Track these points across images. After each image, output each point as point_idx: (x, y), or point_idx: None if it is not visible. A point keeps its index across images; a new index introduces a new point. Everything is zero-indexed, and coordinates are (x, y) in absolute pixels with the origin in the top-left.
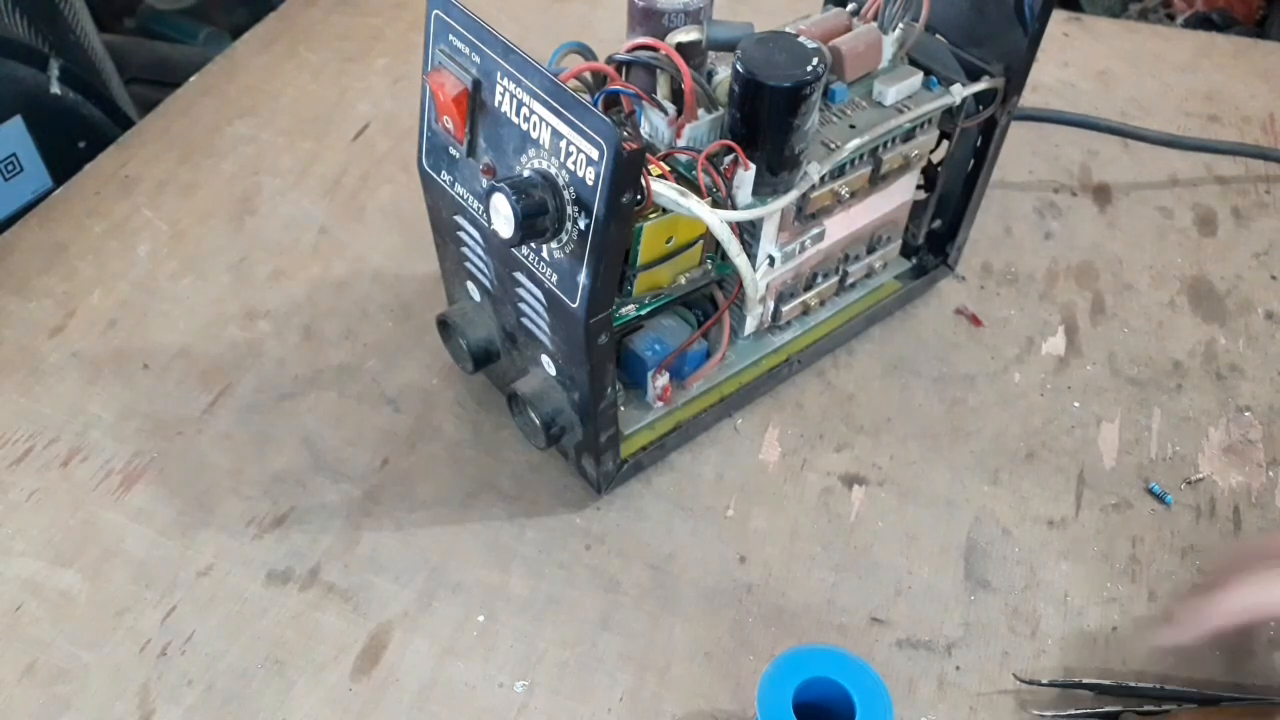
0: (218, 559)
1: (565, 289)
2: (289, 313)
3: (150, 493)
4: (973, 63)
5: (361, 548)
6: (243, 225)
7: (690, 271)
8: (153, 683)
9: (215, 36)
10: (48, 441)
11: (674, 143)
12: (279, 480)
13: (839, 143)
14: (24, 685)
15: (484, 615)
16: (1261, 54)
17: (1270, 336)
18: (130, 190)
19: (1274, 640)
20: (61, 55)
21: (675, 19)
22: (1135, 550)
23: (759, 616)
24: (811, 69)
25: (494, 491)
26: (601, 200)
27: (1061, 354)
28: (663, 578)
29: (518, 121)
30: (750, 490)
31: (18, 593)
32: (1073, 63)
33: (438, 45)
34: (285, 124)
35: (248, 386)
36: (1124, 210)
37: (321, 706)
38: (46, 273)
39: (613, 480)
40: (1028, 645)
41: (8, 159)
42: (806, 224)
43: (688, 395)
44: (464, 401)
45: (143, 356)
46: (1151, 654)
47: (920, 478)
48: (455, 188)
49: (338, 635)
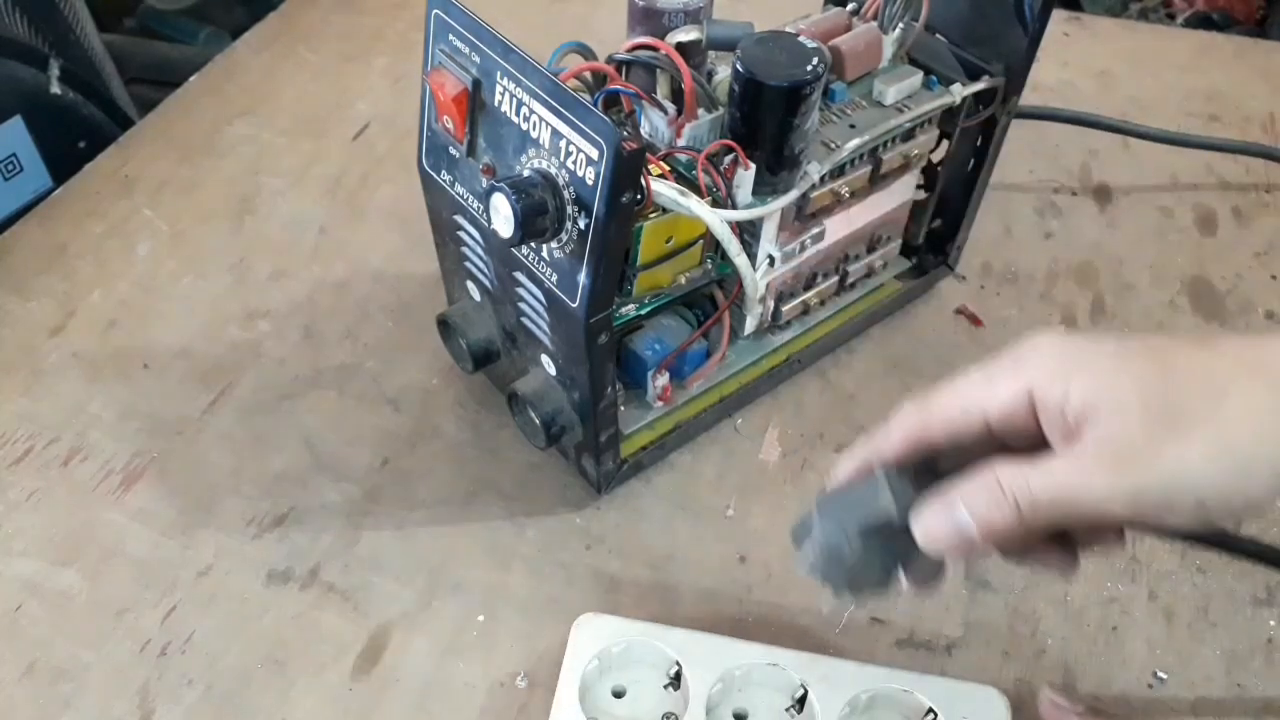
0: (218, 559)
1: (565, 289)
2: (289, 313)
3: (150, 493)
4: (973, 62)
5: (361, 548)
6: (243, 225)
7: (690, 271)
8: (153, 683)
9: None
10: (48, 441)
11: (674, 142)
12: (279, 480)
13: (839, 142)
14: (24, 685)
15: (484, 615)
16: (1262, 54)
17: None
18: (130, 190)
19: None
20: (61, 55)
21: (675, 19)
22: (1135, 550)
23: (759, 616)
24: (811, 69)
25: (494, 491)
26: (601, 200)
27: None
28: (663, 578)
29: (517, 121)
30: (750, 490)
31: (18, 593)
32: (1073, 63)
33: (438, 45)
34: (285, 124)
35: (248, 386)
36: (1124, 210)
37: (321, 706)
38: (46, 273)
39: (613, 480)
40: (1028, 645)
41: (8, 159)
42: (806, 224)
43: (688, 395)
44: (464, 401)
45: (143, 356)
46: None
47: None
48: (455, 187)
49: (338, 635)
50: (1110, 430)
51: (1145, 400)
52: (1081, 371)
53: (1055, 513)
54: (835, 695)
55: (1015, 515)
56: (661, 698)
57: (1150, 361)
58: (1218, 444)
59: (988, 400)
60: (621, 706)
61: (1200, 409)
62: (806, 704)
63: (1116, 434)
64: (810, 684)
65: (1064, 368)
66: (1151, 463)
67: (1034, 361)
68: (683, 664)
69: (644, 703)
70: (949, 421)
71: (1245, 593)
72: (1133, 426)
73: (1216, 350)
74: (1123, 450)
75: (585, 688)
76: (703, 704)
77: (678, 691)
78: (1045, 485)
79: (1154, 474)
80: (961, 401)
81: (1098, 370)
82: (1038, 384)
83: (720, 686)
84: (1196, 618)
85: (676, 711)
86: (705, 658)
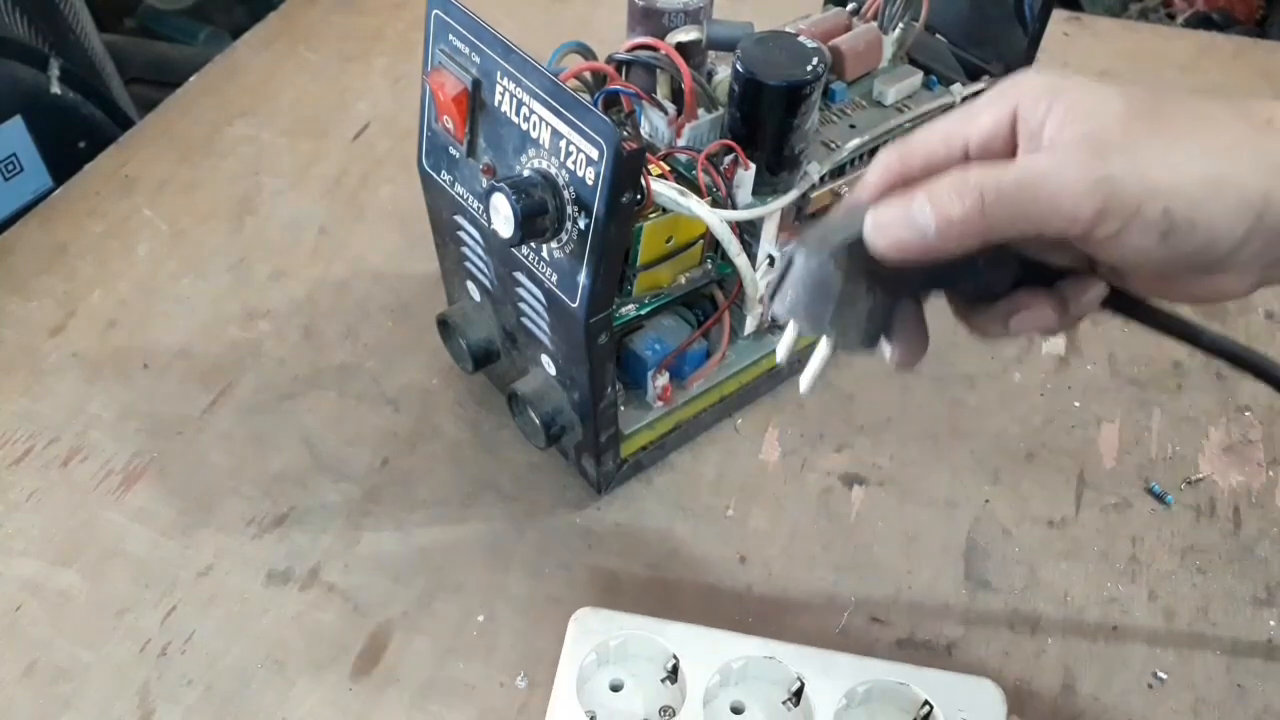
0: (218, 559)
1: (565, 289)
2: (289, 313)
3: (150, 493)
4: (973, 62)
5: (361, 548)
6: (243, 225)
7: (690, 271)
8: (153, 683)
9: (215, 36)
10: (48, 441)
11: (674, 142)
12: (279, 480)
13: (839, 142)
14: (24, 685)
15: (484, 615)
16: (1262, 54)
17: (1270, 336)
18: (130, 190)
19: None
20: (61, 55)
21: (675, 18)
22: (1135, 550)
23: (759, 616)
24: (811, 69)
25: (494, 491)
26: (601, 200)
27: (1061, 354)
28: (663, 578)
29: (517, 121)
30: (750, 490)
31: (18, 593)
32: (1073, 63)
33: (438, 45)
34: (285, 124)
35: (248, 386)
36: None
37: (321, 706)
38: (46, 273)
39: (613, 480)
40: (1028, 645)
41: (8, 159)
42: (807, 224)
43: (688, 395)
44: (464, 401)
45: (143, 356)
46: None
47: (920, 478)
48: (455, 187)
49: (338, 635)
50: (1090, 128)
51: (1132, 109)
52: (1069, 91)
53: (1021, 205)
54: (832, 688)
55: (978, 206)
56: (659, 691)
57: (1144, 91)
58: (1194, 152)
59: (969, 127)
60: (619, 699)
61: (1185, 126)
62: (803, 697)
63: (1095, 130)
64: (807, 677)
65: (1052, 88)
66: (1126, 153)
67: (1022, 86)
68: (680, 657)
69: (641, 696)
70: (930, 154)
71: (1245, 593)
72: (1112, 125)
73: (1207, 98)
74: (1099, 143)
75: (583, 680)
76: (700, 697)
77: (675, 685)
78: (1013, 175)
79: (1126, 164)
80: (943, 134)
81: (1087, 90)
82: (1023, 103)
83: (717, 679)
84: (1196, 618)
85: (674, 704)
86: (702, 651)
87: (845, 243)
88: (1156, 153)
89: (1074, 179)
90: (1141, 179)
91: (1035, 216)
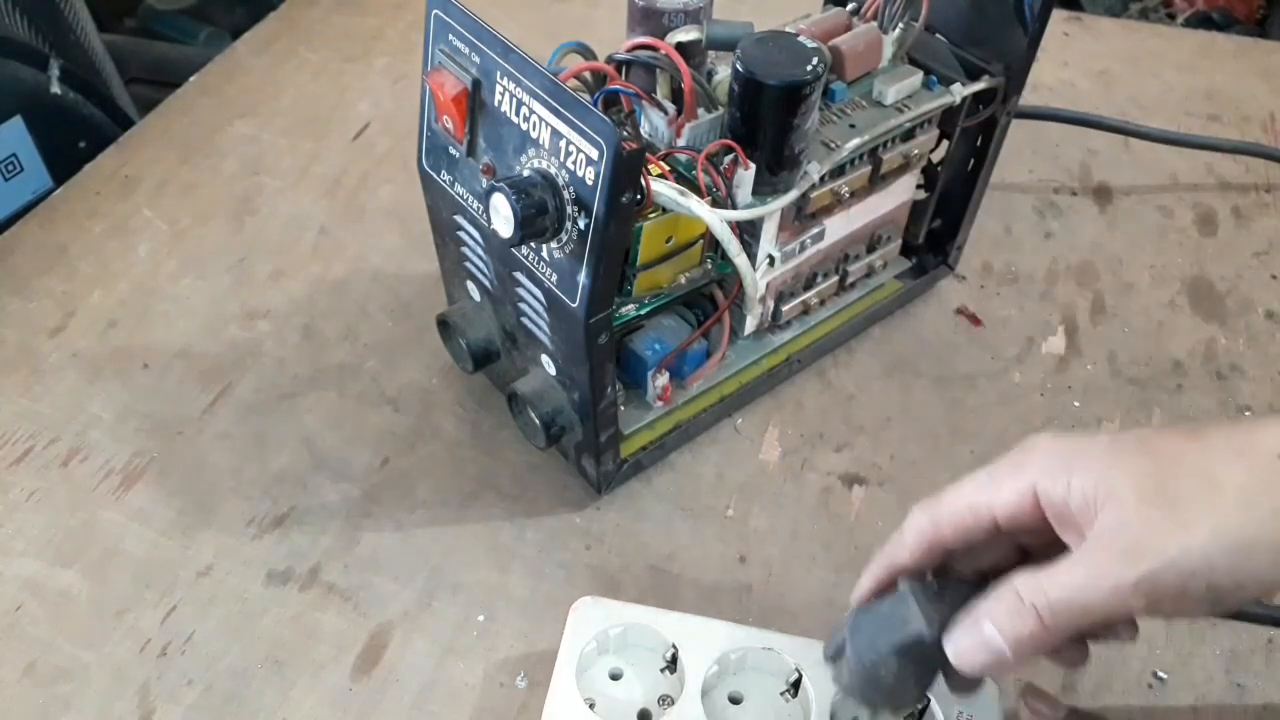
0: (218, 559)
1: (565, 289)
2: (289, 313)
3: (150, 493)
4: (973, 62)
5: (361, 548)
6: (243, 225)
7: (690, 271)
8: (153, 683)
9: (215, 36)
10: (48, 441)
11: (674, 142)
12: (279, 480)
13: (839, 142)
14: (24, 685)
15: (484, 615)
16: (1262, 53)
17: (1270, 336)
18: (130, 190)
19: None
20: (61, 55)
21: (675, 18)
22: None
23: (759, 616)
24: (811, 69)
25: (494, 491)
26: (601, 200)
27: (1061, 354)
28: (663, 578)
29: (517, 121)
30: (750, 490)
31: (18, 593)
32: (1073, 62)
33: (438, 45)
34: (285, 124)
35: (248, 386)
36: (1124, 210)
37: (321, 706)
38: (46, 273)
39: (613, 480)
40: None
41: (8, 159)
42: (806, 224)
43: (688, 395)
44: (464, 401)
45: (143, 356)
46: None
47: (920, 478)
48: (455, 187)
49: (338, 635)
50: (1112, 522)
51: (1140, 491)
52: (1079, 468)
53: (1076, 614)
54: (830, 680)
55: (1039, 625)
56: (658, 680)
57: (1142, 455)
58: (1218, 530)
59: (994, 501)
60: (618, 688)
61: (1197, 498)
62: (801, 688)
63: (1118, 526)
64: (805, 668)
65: (1063, 464)
66: (1159, 551)
67: (1034, 460)
68: (679, 647)
69: (640, 685)
70: (959, 524)
71: None
72: (1132, 517)
73: (1206, 441)
74: (1128, 542)
75: (582, 669)
76: (699, 687)
77: (674, 674)
78: (1061, 589)
79: (1162, 562)
80: (969, 504)
81: (1094, 466)
82: (1040, 482)
83: (716, 669)
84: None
85: (673, 694)
86: (702, 641)
87: (896, 649)
88: (1186, 543)
89: (1113, 588)
90: (1177, 570)
91: (1092, 617)
